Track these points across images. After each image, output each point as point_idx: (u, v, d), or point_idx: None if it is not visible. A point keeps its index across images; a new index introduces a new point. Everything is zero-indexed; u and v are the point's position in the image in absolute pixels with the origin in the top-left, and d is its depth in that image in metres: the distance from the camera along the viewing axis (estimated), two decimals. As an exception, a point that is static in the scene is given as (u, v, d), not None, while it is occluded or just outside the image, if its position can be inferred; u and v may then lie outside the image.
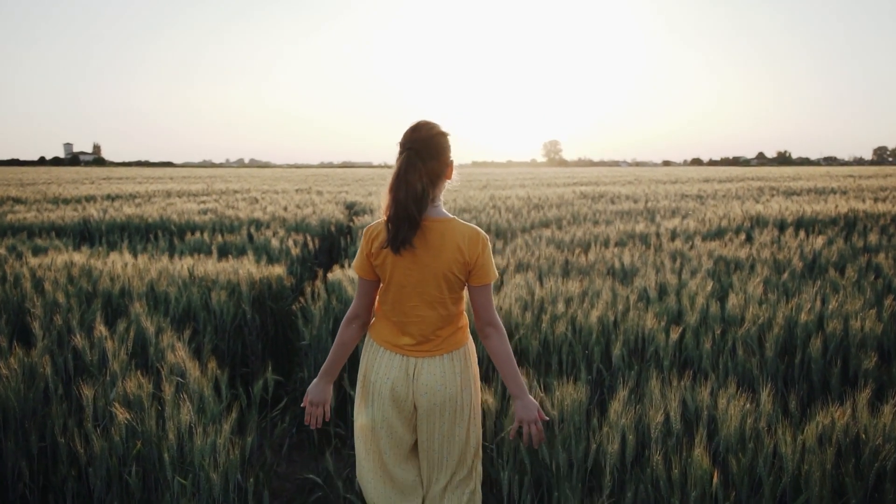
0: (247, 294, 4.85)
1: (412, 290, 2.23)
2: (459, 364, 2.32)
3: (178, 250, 6.82)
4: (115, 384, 3.01)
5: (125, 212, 9.31)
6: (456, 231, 2.21)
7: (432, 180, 2.18)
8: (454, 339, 2.31)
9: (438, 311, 2.25)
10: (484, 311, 2.28)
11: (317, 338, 4.27)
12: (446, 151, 2.22)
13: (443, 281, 2.21)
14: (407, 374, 2.27)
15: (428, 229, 2.18)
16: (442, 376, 2.27)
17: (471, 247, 2.20)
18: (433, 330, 2.27)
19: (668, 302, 4.24)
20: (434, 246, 2.18)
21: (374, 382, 2.30)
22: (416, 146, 2.16)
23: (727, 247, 6.24)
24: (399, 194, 2.13)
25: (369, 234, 2.27)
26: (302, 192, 15.23)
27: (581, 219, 9.19)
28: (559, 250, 6.44)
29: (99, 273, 4.84)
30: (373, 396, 2.32)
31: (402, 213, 2.12)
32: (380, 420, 2.31)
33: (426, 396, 2.27)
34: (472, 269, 2.22)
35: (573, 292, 4.46)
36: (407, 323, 2.27)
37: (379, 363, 2.30)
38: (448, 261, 2.19)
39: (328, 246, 8.56)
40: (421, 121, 2.22)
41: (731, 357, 3.54)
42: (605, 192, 14.54)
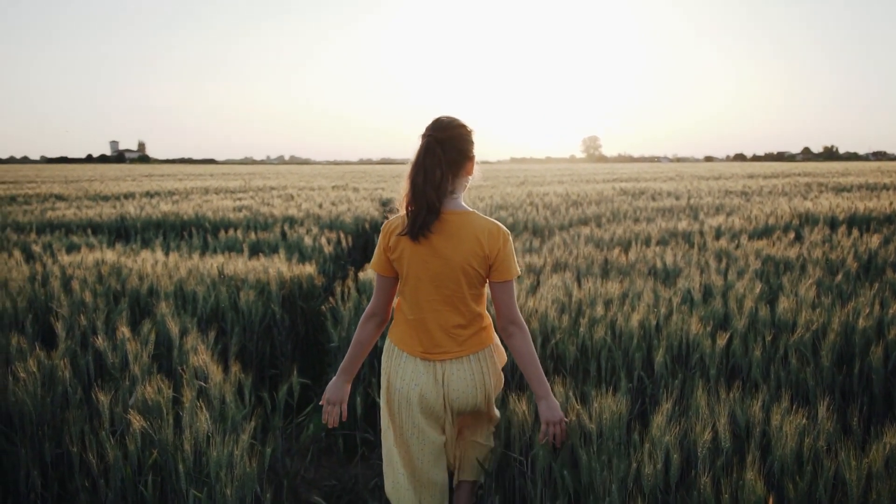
0: (276, 294, 4.74)
1: (430, 283, 2.19)
2: (487, 364, 2.30)
3: (212, 248, 6.77)
4: (134, 389, 2.91)
5: (161, 209, 9.34)
6: (475, 224, 2.18)
7: (452, 170, 2.16)
8: (478, 339, 2.27)
9: (458, 308, 2.21)
10: (506, 309, 2.23)
11: (345, 339, 4.13)
12: (468, 144, 2.20)
13: (461, 275, 2.17)
14: (436, 379, 2.23)
15: (447, 221, 2.15)
16: (472, 378, 2.25)
17: (491, 241, 2.16)
18: (452, 329, 2.22)
19: (714, 305, 4.01)
20: (453, 238, 2.15)
21: (400, 389, 2.26)
22: (436, 134, 2.15)
23: (775, 246, 5.96)
24: (417, 180, 2.11)
25: (387, 227, 2.25)
26: (338, 189, 15.20)
27: (621, 216, 8.94)
28: (598, 249, 6.22)
29: (128, 272, 4.78)
30: (399, 404, 2.28)
31: (421, 199, 2.10)
32: (409, 427, 2.28)
33: (459, 401, 2.25)
34: (493, 263, 2.18)
35: (613, 294, 4.26)
36: (425, 320, 2.22)
37: (404, 369, 2.26)
38: (467, 253, 2.15)
39: (362, 243, 8.45)
40: (444, 115, 2.22)
41: (783, 366, 3.31)
42: (645, 189, 14.21)
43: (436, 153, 2.12)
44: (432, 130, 2.16)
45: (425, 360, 2.23)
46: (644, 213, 9.07)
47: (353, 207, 9.89)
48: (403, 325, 2.29)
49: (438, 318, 2.21)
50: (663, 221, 7.92)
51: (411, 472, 2.32)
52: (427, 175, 2.10)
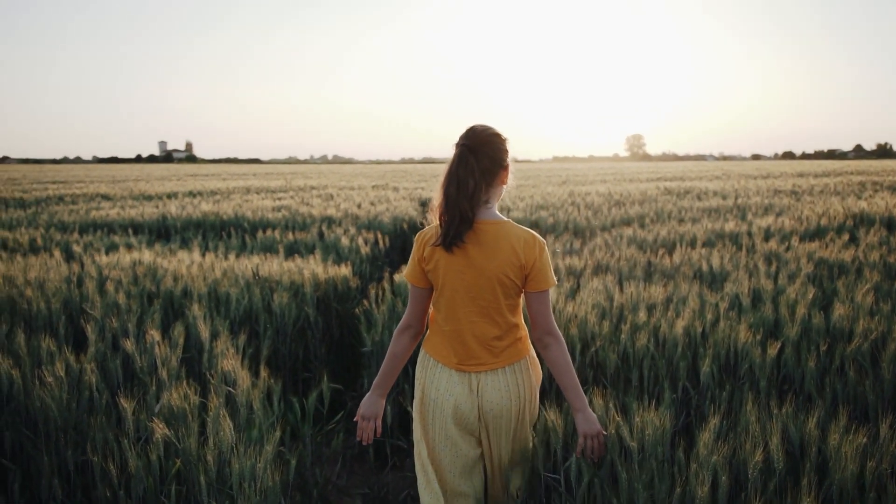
0: (310, 295, 4.67)
1: (465, 294, 2.16)
2: (522, 376, 2.25)
3: (250, 248, 6.76)
4: (160, 394, 2.85)
5: (202, 209, 9.38)
6: (511, 233, 2.15)
7: (486, 179, 2.13)
8: (514, 351, 2.24)
9: (494, 319, 2.18)
10: (542, 320, 2.20)
11: (379, 344, 4.04)
12: (502, 153, 2.18)
13: (497, 285, 2.14)
14: (470, 390, 2.20)
15: (481, 231, 2.13)
16: (507, 390, 2.21)
17: (527, 250, 2.14)
18: (488, 340, 2.19)
19: (764, 311, 3.81)
20: (488, 248, 2.12)
21: (435, 399, 2.23)
22: (470, 142, 2.13)
23: (829, 248, 5.69)
24: (450, 189, 2.09)
25: (421, 238, 2.23)
26: (378, 189, 15.16)
27: (665, 216, 8.70)
28: (641, 251, 6.03)
29: (163, 273, 4.76)
30: (433, 414, 2.25)
31: (454, 210, 2.07)
32: (443, 438, 2.25)
33: (492, 413, 2.21)
34: (529, 273, 2.15)
35: (656, 298, 4.08)
36: (460, 331, 2.19)
37: (438, 379, 2.23)
38: (503, 263, 2.12)
39: (400, 244, 8.37)
40: (478, 123, 2.19)
41: (839, 378, 3.11)
42: (691, 188, 13.87)
43: (469, 163, 2.09)
44: (465, 140, 2.14)
45: (460, 371, 2.21)
46: (689, 214, 8.81)
47: (391, 207, 9.82)
48: (439, 336, 2.25)
49: (474, 330, 2.18)
50: (709, 222, 7.67)
51: (444, 484, 2.28)
52: (460, 185, 2.08)
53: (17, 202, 12.55)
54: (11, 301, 4.02)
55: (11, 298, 4.04)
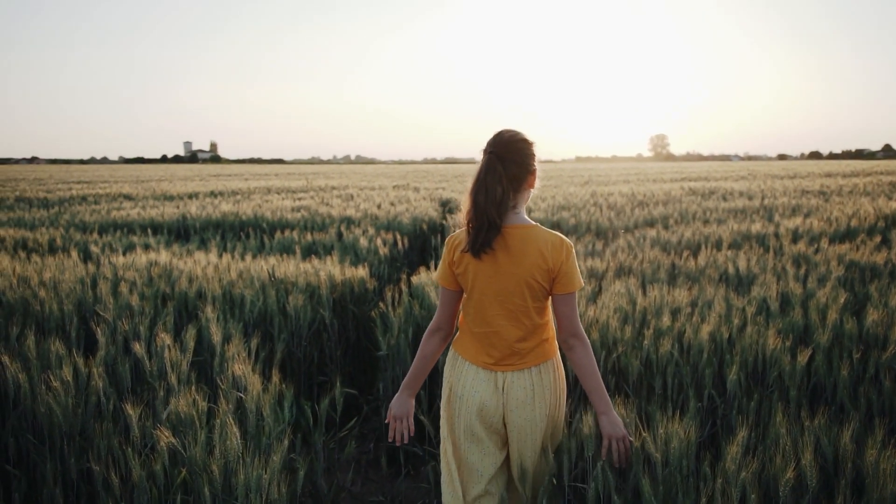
0: (326, 297, 4.60)
1: (494, 298, 2.19)
2: (549, 377, 2.26)
3: (268, 249, 6.71)
4: (169, 400, 2.78)
5: (221, 209, 9.36)
6: (538, 237, 2.17)
7: (514, 185, 2.16)
8: (541, 351, 2.25)
9: (522, 321, 2.21)
10: (567, 322, 2.21)
11: (395, 348, 3.95)
12: (529, 158, 2.20)
13: (525, 289, 2.17)
14: (497, 388, 2.22)
15: (509, 235, 2.15)
16: (531, 389, 2.22)
17: (554, 253, 2.16)
18: (516, 341, 2.21)
19: (793, 316, 3.67)
20: (516, 252, 2.15)
21: (462, 396, 2.26)
22: (497, 150, 2.16)
23: (860, 250, 5.51)
24: (479, 197, 2.12)
25: (451, 242, 2.26)
26: (399, 189, 15.09)
27: (690, 217, 8.53)
28: (665, 253, 5.89)
29: (178, 274, 4.71)
30: (459, 411, 2.27)
31: (482, 217, 2.10)
32: (468, 436, 2.27)
33: (516, 411, 2.22)
34: (556, 276, 2.17)
35: (681, 302, 3.95)
36: (490, 334, 2.22)
37: (465, 377, 2.26)
38: (530, 267, 2.15)
39: (420, 245, 8.28)
40: (505, 128, 2.22)
41: (873, 387, 2.96)
42: (716, 188, 13.64)
43: (497, 170, 2.12)
44: (493, 147, 2.17)
45: (487, 370, 2.23)
46: (714, 215, 8.63)
47: (411, 208, 9.73)
48: (468, 336, 2.29)
49: (502, 332, 2.21)
50: (735, 223, 7.49)
51: (467, 484, 2.31)
52: (488, 193, 2.11)
53: (42, 202, 12.66)
54: (25, 302, 3.98)
55: (25, 300, 4.00)
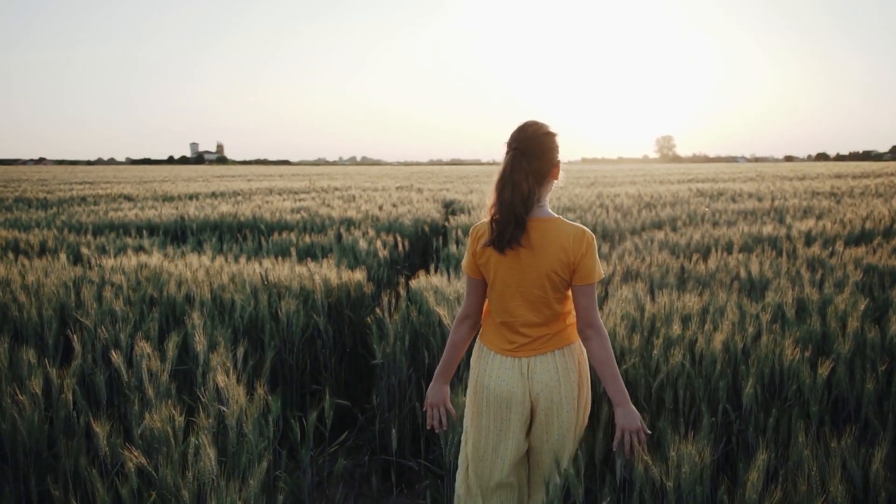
0: (321, 302, 4.41)
1: (515, 289, 2.22)
2: (572, 360, 2.28)
3: (264, 251, 6.53)
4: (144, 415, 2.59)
5: (220, 210, 9.19)
6: (560, 230, 2.19)
7: (538, 180, 2.17)
8: (563, 336, 2.28)
9: (542, 312, 2.23)
10: (585, 313, 2.22)
11: (391, 356, 3.76)
12: (553, 151, 2.21)
13: (546, 281, 2.19)
14: (521, 373, 2.24)
15: (532, 228, 2.17)
16: (556, 371, 2.24)
17: (575, 245, 2.17)
18: (537, 330, 2.25)
19: (811, 324, 3.47)
20: (537, 245, 2.17)
21: (488, 386, 2.28)
22: (522, 145, 2.15)
23: (877, 254, 5.30)
24: (505, 194, 2.13)
25: (475, 232, 2.29)
26: (402, 190, 14.90)
27: (698, 219, 8.31)
28: (673, 256, 5.69)
29: (168, 277, 4.53)
30: (487, 402, 2.29)
31: (508, 213, 2.12)
32: (497, 426, 2.29)
33: (543, 394, 2.23)
34: (576, 268, 2.18)
35: (691, 309, 3.75)
36: (512, 323, 2.26)
37: (491, 366, 2.29)
38: (551, 260, 2.17)
39: (421, 247, 8.09)
40: (529, 120, 2.22)
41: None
42: (724, 190, 13.41)
43: (521, 166, 2.13)
44: (517, 142, 2.17)
45: (511, 357, 2.26)
46: (724, 216, 8.42)
47: (413, 209, 9.54)
48: (492, 326, 2.33)
49: (524, 321, 2.24)
50: (745, 225, 7.28)
51: (485, 479, 2.34)
52: (515, 189, 2.11)
53: (41, 202, 12.51)
54: (3, 307, 3.81)
55: (4, 304, 3.83)
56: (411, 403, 3.68)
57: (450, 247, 6.39)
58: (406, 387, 3.73)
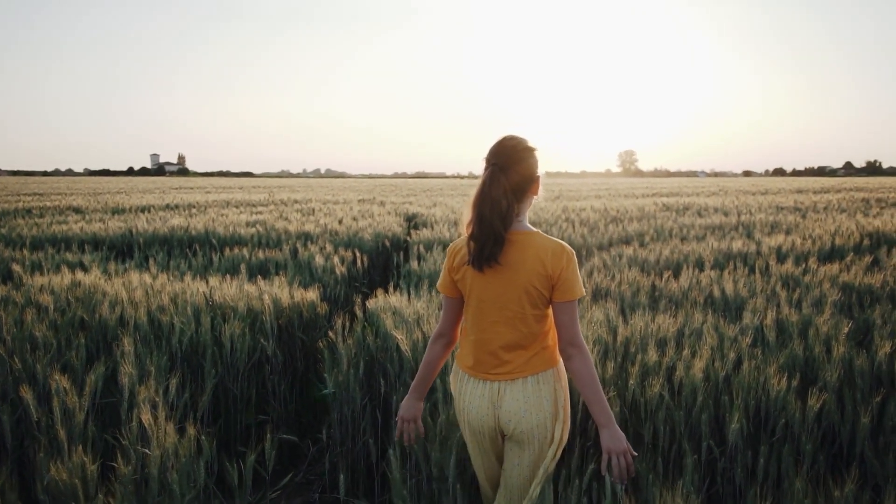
0: (270, 324, 4.08)
1: (492, 304, 2.17)
2: (548, 388, 2.18)
3: (215, 267, 6.16)
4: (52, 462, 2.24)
5: (171, 223, 8.76)
6: (539, 245, 2.14)
7: (518, 196, 2.13)
8: (539, 360, 2.19)
9: (519, 329, 2.17)
10: (566, 331, 2.15)
11: (344, 384, 3.44)
12: (533, 167, 2.16)
13: (524, 295, 2.14)
14: (491, 401, 2.19)
15: (511, 242, 2.13)
16: (525, 401, 2.16)
17: (554, 260, 2.12)
18: (512, 348, 2.17)
19: (794, 348, 3.25)
20: (515, 259, 2.13)
21: (463, 409, 2.26)
22: (500, 161, 2.11)
23: (851, 271, 5.14)
24: (483, 211, 2.08)
25: (452, 250, 2.27)
26: (364, 203, 14.54)
27: (666, 234, 8.14)
28: (644, 273, 5.46)
29: (101, 297, 4.15)
30: (463, 424, 2.29)
31: (487, 230, 2.08)
32: (474, 445, 2.31)
33: (511, 424, 2.17)
34: (556, 283, 2.13)
35: (667, 331, 3.51)
36: (485, 341, 2.20)
37: (464, 390, 2.25)
38: (529, 274, 2.12)
39: (382, 262, 7.78)
40: (507, 135, 2.18)
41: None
42: (689, 204, 13.32)
43: (500, 182, 2.08)
44: (496, 158, 2.12)
45: (483, 381, 2.20)
46: (692, 231, 8.26)
47: (374, 223, 9.21)
48: (466, 346, 2.28)
49: (499, 339, 2.18)
50: (715, 240, 7.10)
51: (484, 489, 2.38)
52: (493, 206, 2.06)
53: (-19, 215, 11.90)
54: None
55: None
56: (365, 437, 3.36)
57: (411, 263, 6.09)
58: (360, 419, 3.41)
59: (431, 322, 3.57)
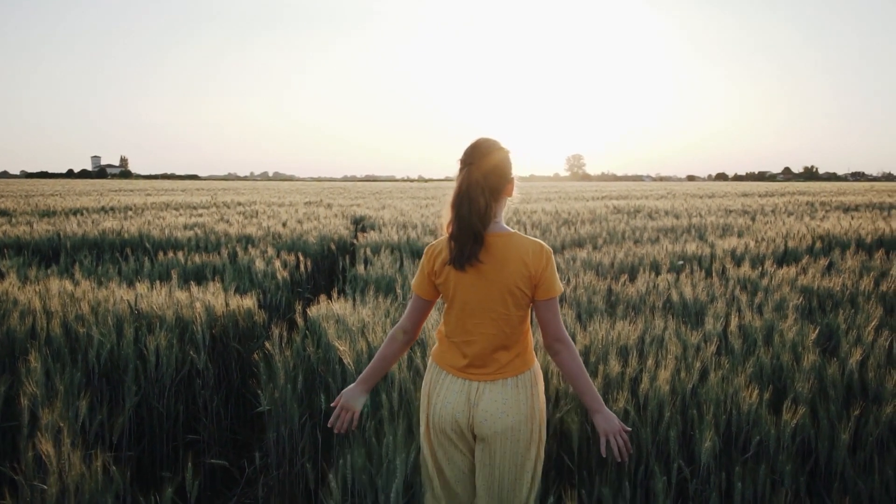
0: (202, 335, 3.75)
1: (477, 306, 2.17)
2: (526, 391, 2.18)
3: (147, 272, 5.76)
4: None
5: (103, 226, 8.26)
6: (519, 245, 2.16)
7: (494, 196, 2.15)
8: (519, 362, 2.20)
9: (503, 329, 2.16)
10: (550, 327, 2.19)
11: (280, 401, 3.13)
12: (507, 168, 2.19)
13: (508, 296, 2.14)
14: (468, 399, 2.17)
15: (491, 244, 2.14)
16: (504, 403, 2.15)
17: (535, 259, 2.14)
18: (495, 349, 2.17)
19: (761, 356, 3.07)
20: (498, 260, 2.13)
21: (435, 405, 2.21)
22: (476, 162, 2.13)
23: (807, 274, 5.04)
24: (462, 210, 2.10)
25: (431, 252, 2.25)
26: (311, 206, 14.13)
27: (619, 237, 8.00)
28: (599, 277, 5.28)
29: (12, 307, 3.76)
30: (435, 423, 2.21)
31: (467, 230, 2.09)
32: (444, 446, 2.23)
33: (486, 423, 2.14)
34: (538, 282, 2.15)
35: (628, 339, 3.30)
36: (469, 342, 2.19)
37: (441, 386, 2.22)
38: (513, 274, 2.13)
39: (328, 266, 7.45)
40: (481, 137, 2.20)
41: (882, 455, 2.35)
42: (640, 207, 13.30)
43: (478, 182, 2.10)
44: (472, 158, 2.14)
45: (462, 378, 2.18)
46: (645, 234, 8.14)
47: (320, 226, 8.87)
48: (447, 346, 2.25)
49: (483, 341, 2.17)
50: (669, 243, 6.99)
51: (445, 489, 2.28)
52: (472, 205, 2.08)
53: None
54: None
55: None
56: (304, 459, 3.06)
57: (358, 267, 5.79)
58: (298, 439, 3.11)
59: (378, 331, 3.29)
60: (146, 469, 3.44)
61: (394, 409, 2.83)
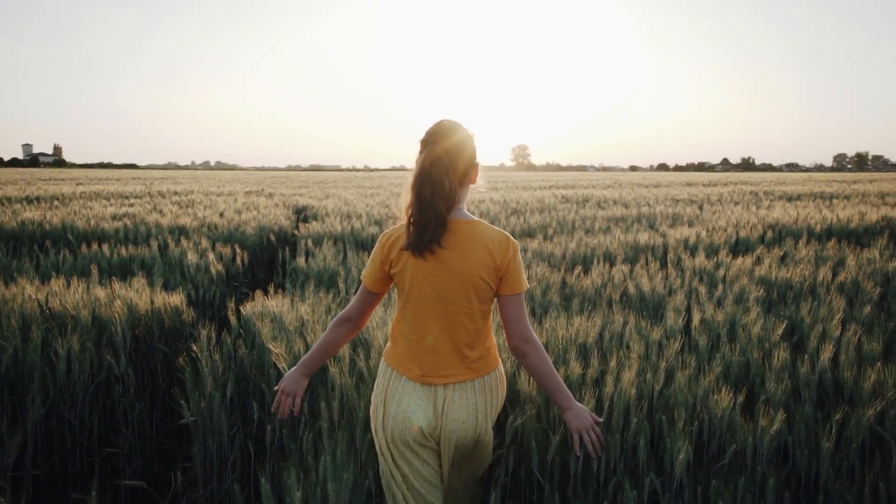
0: (122, 337, 3.39)
1: (436, 299, 2.01)
2: (491, 394, 2.10)
3: (68, 266, 5.32)
4: None
5: (23, 217, 7.70)
6: (484, 233, 2.03)
7: (459, 179, 2.02)
8: (484, 363, 2.08)
9: (465, 326, 2.03)
10: (516, 326, 2.06)
11: (207, 411, 2.81)
12: (473, 151, 2.06)
13: (471, 288, 2.01)
14: (435, 407, 2.03)
15: (454, 231, 2.00)
16: (474, 408, 2.05)
17: (501, 250, 2.02)
18: (459, 348, 2.03)
19: (727, 354, 2.88)
20: (461, 248, 1.99)
21: (395, 416, 2.05)
22: (440, 141, 1.99)
23: (764, 265, 4.91)
24: (424, 192, 1.94)
25: (385, 239, 2.09)
26: (251, 195, 13.63)
27: (570, 226, 7.83)
28: (552, 269, 5.06)
29: None
30: (393, 431, 2.05)
31: (428, 212, 1.93)
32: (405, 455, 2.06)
33: (457, 433, 2.04)
34: (504, 275, 2.03)
35: (587, 336, 3.08)
36: (428, 340, 2.03)
37: (401, 394, 2.06)
38: (477, 264, 2.00)
39: (267, 259, 7.09)
40: (444, 119, 2.07)
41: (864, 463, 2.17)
42: (588, 196, 13.20)
43: (443, 162, 1.96)
44: (435, 137, 2.00)
45: (424, 385, 2.04)
46: (596, 224, 7.98)
47: (259, 216, 8.47)
48: (403, 346, 2.09)
49: (444, 337, 2.03)
50: (620, 233, 6.83)
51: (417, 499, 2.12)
52: (436, 186, 1.94)
53: None
54: None
55: None
56: (235, 475, 2.75)
57: (298, 259, 5.46)
58: (228, 452, 2.80)
59: (317, 330, 3.00)
60: (57, 487, 3.08)
61: (334, 420, 2.54)
